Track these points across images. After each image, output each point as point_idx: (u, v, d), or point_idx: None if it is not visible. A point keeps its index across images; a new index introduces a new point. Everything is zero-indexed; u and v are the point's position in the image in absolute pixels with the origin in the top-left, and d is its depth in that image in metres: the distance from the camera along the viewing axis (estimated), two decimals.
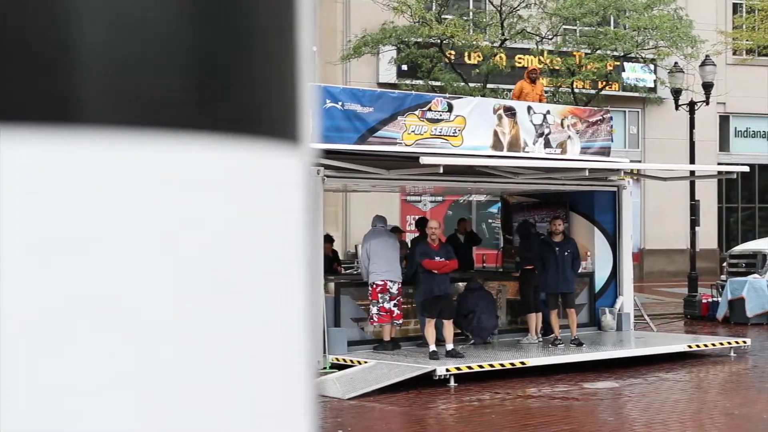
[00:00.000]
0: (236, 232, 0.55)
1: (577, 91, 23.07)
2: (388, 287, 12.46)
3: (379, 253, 12.55)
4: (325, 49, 23.30)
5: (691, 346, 13.65)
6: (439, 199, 24.92)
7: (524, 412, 9.90)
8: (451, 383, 11.19)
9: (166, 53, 0.52)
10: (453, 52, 23.00)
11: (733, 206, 30.76)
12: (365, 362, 11.64)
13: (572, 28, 23.66)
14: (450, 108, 14.29)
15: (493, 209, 24.16)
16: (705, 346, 13.72)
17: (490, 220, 25.52)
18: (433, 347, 11.96)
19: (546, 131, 15.18)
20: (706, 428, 9.14)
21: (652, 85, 26.44)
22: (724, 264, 19.66)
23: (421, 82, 22.86)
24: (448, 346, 12.10)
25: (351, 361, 11.82)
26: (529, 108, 15.17)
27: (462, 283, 13.58)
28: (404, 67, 24.15)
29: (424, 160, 11.62)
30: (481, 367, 11.60)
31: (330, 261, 14.23)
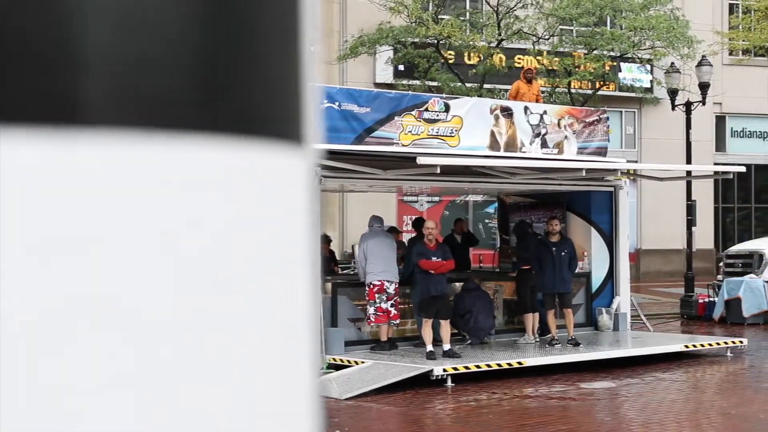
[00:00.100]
0: (239, 232, 0.55)
1: (573, 91, 23.09)
2: (385, 287, 12.46)
3: (376, 254, 12.55)
4: (322, 49, 23.31)
5: (688, 346, 13.67)
6: (436, 199, 24.93)
7: (521, 412, 9.90)
8: (448, 383, 11.19)
9: (169, 53, 0.52)
10: (451, 53, 23.01)
11: (729, 206, 30.79)
12: (362, 362, 11.65)
13: (569, 28, 23.67)
14: (447, 108, 14.29)
15: (490, 209, 24.17)
16: (701, 346, 13.73)
17: (487, 221, 25.52)
18: (430, 347, 11.97)
19: (543, 131, 15.18)
20: (703, 428, 9.14)
21: (649, 86, 26.47)
22: (721, 264, 19.68)
23: (417, 83, 22.86)
24: (445, 346, 12.10)
25: (348, 362, 11.82)
26: (526, 108, 15.17)
27: (459, 284, 13.59)
28: (401, 67, 24.16)
29: (421, 161, 11.62)
30: (478, 367, 11.61)
31: (327, 261, 14.24)
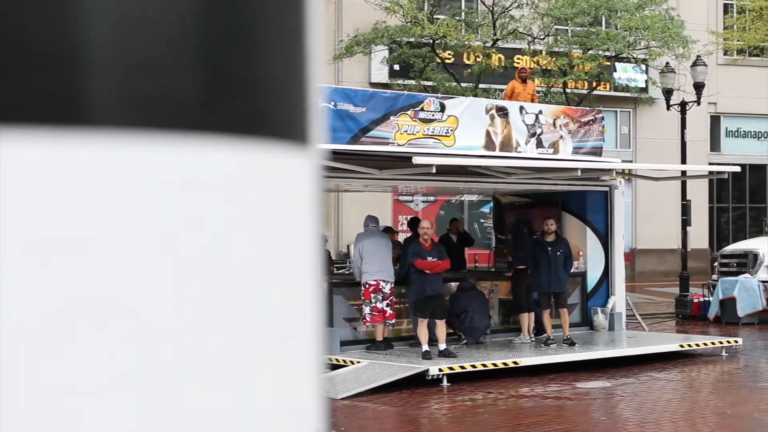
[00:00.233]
0: (241, 232, 0.55)
1: (569, 91, 23.10)
2: (380, 287, 12.46)
3: (372, 253, 12.55)
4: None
5: (683, 346, 13.68)
6: (431, 198, 24.93)
7: (517, 411, 9.91)
8: (444, 383, 11.20)
9: (172, 53, 0.52)
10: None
11: (724, 206, 30.84)
12: (358, 362, 11.65)
13: (564, 28, 23.69)
14: (442, 108, 14.29)
15: (485, 209, 24.18)
16: (696, 345, 13.75)
17: (482, 220, 25.54)
18: (425, 347, 11.97)
19: (538, 131, 15.19)
20: (698, 427, 9.16)
21: (644, 86, 26.49)
22: (716, 264, 19.71)
23: (413, 82, 22.86)
24: (441, 346, 12.10)
25: (344, 361, 11.81)
26: (522, 108, 15.18)
27: (454, 283, 13.59)
28: (396, 67, 24.16)
29: (417, 160, 11.63)
30: (473, 366, 11.62)
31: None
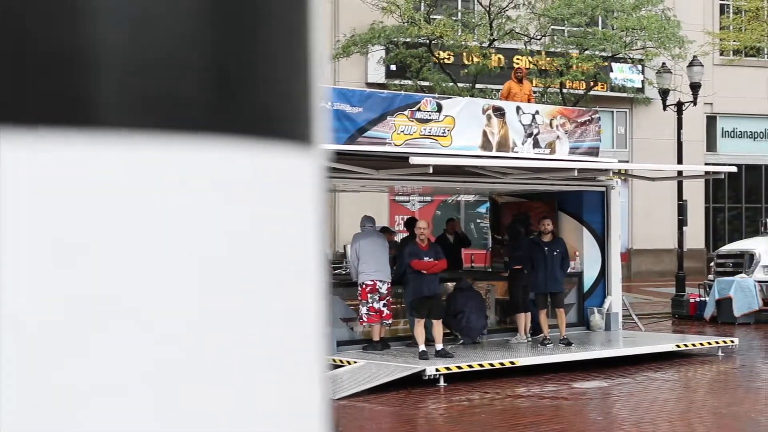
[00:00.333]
0: (248, 232, 0.55)
1: (565, 91, 23.11)
2: (377, 287, 12.45)
3: (369, 254, 12.55)
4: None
5: (679, 346, 13.70)
6: (428, 199, 24.93)
7: (514, 411, 9.92)
8: (441, 383, 11.20)
9: (179, 55, 0.52)
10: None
11: (720, 206, 30.87)
12: (355, 362, 11.64)
13: (560, 28, 23.70)
14: (439, 108, 14.29)
15: (482, 209, 24.18)
16: (693, 345, 13.76)
17: (479, 220, 25.54)
18: (422, 347, 11.97)
19: (535, 131, 15.20)
20: (695, 427, 9.17)
21: (640, 86, 26.53)
22: (712, 264, 19.73)
23: (409, 82, 22.85)
24: (438, 346, 12.11)
25: (340, 361, 11.81)
26: (518, 108, 15.19)
27: (451, 283, 13.59)
28: (393, 67, 24.15)
29: (414, 161, 11.63)
30: (470, 366, 11.62)
31: None
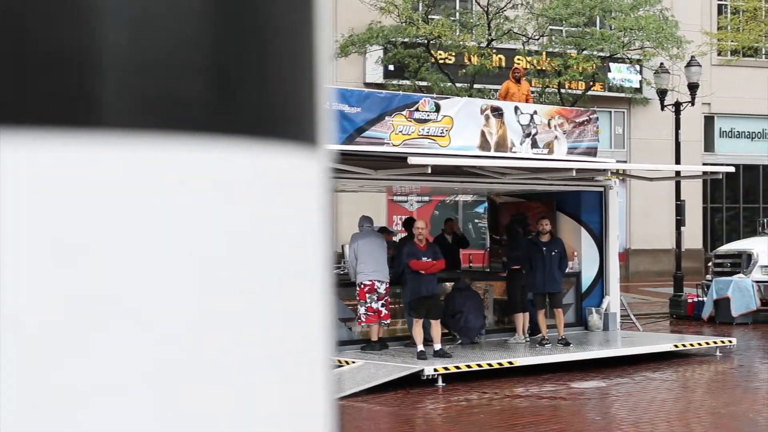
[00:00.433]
0: (251, 233, 0.55)
1: (563, 91, 23.12)
2: (375, 287, 12.46)
3: (367, 254, 12.55)
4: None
5: (677, 346, 13.71)
6: (426, 199, 24.93)
7: (512, 411, 9.92)
8: (439, 383, 11.20)
9: (182, 55, 0.52)
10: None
11: (717, 206, 30.89)
12: (353, 362, 11.64)
13: (558, 28, 23.70)
14: (437, 108, 14.29)
15: (480, 209, 24.19)
16: (691, 345, 13.77)
17: (477, 220, 25.54)
18: (420, 347, 11.97)
19: (533, 131, 15.21)
20: (693, 427, 9.18)
21: (638, 86, 26.53)
22: (710, 264, 19.74)
23: (408, 82, 22.85)
24: (436, 346, 12.11)
25: (339, 362, 11.81)
26: (516, 108, 15.19)
27: (449, 283, 13.59)
28: (391, 67, 24.15)
29: (412, 161, 11.63)
30: (468, 366, 11.62)
31: None
